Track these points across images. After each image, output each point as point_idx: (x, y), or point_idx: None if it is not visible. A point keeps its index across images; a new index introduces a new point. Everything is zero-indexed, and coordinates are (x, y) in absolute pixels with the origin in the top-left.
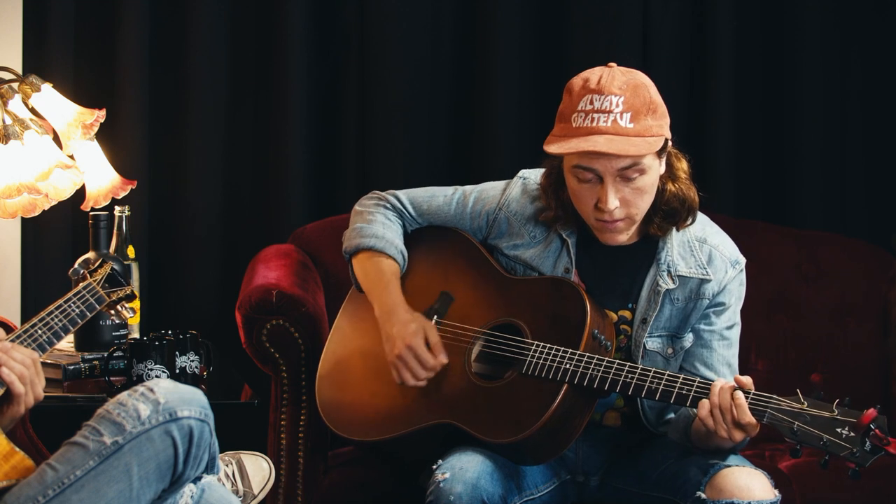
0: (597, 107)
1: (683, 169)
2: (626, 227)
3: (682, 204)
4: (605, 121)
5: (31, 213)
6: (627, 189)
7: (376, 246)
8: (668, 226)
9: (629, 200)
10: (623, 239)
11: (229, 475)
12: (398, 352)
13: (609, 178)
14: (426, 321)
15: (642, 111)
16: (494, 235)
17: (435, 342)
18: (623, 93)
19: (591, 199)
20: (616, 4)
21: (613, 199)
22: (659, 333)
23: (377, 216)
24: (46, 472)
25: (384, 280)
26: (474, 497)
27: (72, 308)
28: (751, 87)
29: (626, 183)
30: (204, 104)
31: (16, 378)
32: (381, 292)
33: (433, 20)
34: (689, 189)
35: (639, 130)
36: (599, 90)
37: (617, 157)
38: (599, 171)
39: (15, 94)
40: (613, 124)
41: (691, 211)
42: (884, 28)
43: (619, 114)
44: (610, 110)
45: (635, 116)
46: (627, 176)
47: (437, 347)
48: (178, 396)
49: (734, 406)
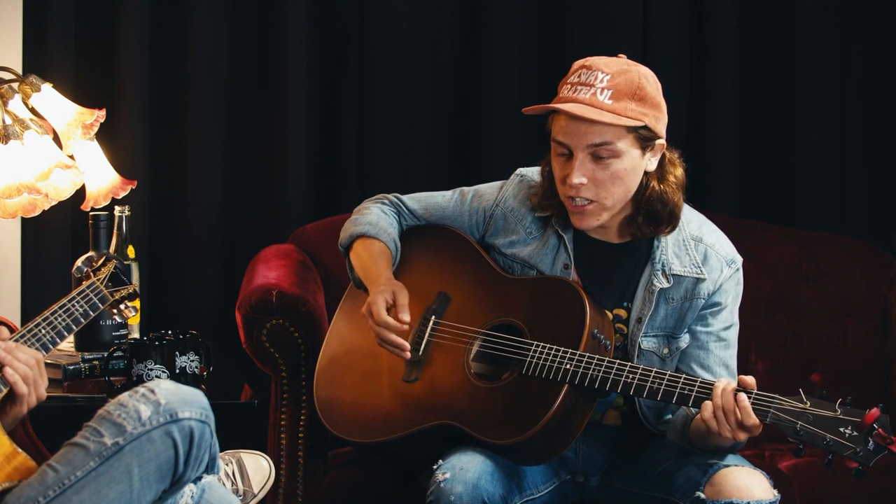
0: (582, 80)
1: (676, 175)
2: (595, 211)
3: (663, 206)
4: (585, 93)
5: (31, 213)
6: (598, 169)
7: (369, 232)
8: (649, 229)
9: (599, 181)
10: (593, 223)
11: (229, 474)
12: (363, 310)
13: (579, 152)
14: (398, 284)
15: (626, 93)
16: (491, 233)
17: (401, 303)
18: (611, 72)
19: (562, 175)
20: (616, 4)
21: (579, 174)
22: (654, 333)
23: (372, 209)
24: (47, 472)
25: (374, 260)
26: (475, 497)
27: (75, 307)
28: (751, 87)
29: (597, 163)
30: (204, 104)
31: (19, 378)
32: (371, 272)
33: (433, 20)
34: (674, 194)
35: (615, 108)
36: (590, 66)
37: (585, 131)
38: (570, 145)
39: (15, 94)
40: (591, 97)
41: (672, 217)
42: (884, 28)
43: (601, 89)
44: (592, 84)
45: (616, 95)
46: (598, 154)
47: (401, 308)
48: (178, 397)
49: (738, 408)
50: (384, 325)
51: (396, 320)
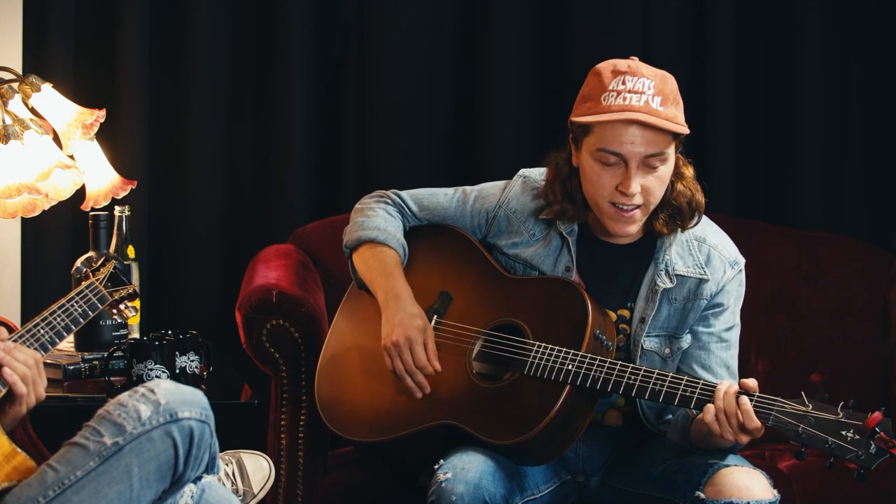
0: (629, 87)
1: (690, 172)
2: (640, 216)
3: (688, 203)
4: (639, 100)
5: (31, 213)
6: (650, 177)
7: (378, 238)
8: (673, 224)
9: (648, 188)
10: (634, 230)
11: (229, 474)
12: (396, 338)
13: (634, 162)
14: (429, 324)
15: (671, 98)
16: (494, 234)
17: (432, 349)
18: (654, 77)
19: (612, 184)
20: (616, 4)
21: (637, 184)
22: (657, 333)
23: (378, 211)
24: (47, 472)
25: (387, 269)
26: (476, 497)
27: (74, 307)
28: (751, 87)
29: (649, 171)
30: (204, 104)
31: (18, 379)
32: (385, 280)
33: (433, 20)
34: (696, 190)
35: (668, 115)
36: (632, 72)
37: (647, 140)
38: (626, 155)
39: (15, 94)
40: (646, 104)
41: (697, 211)
42: (884, 28)
43: (651, 96)
44: (642, 91)
45: (665, 101)
46: (651, 164)
47: (433, 354)
48: (178, 397)
49: (740, 412)
50: (423, 369)
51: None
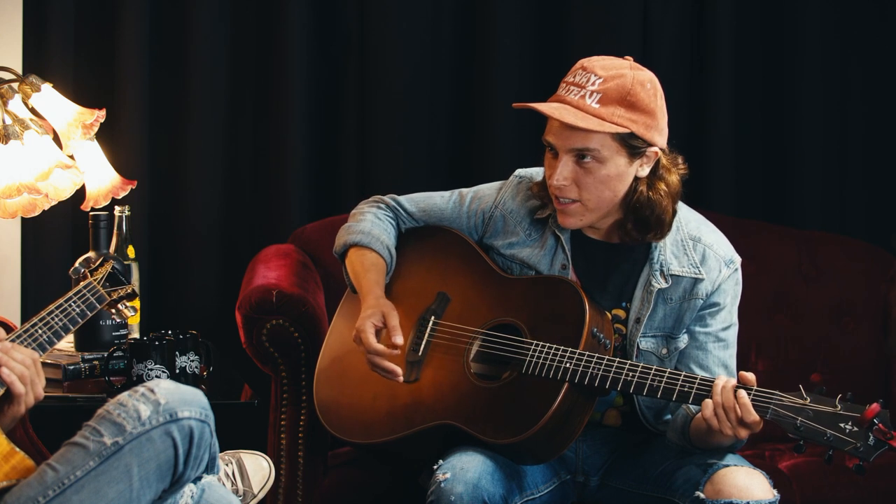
0: (575, 80)
1: (669, 182)
2: (577, 211)
3: (651, 213)
4: (575, 94)
5: (31, 213)
6: (582, 172)
7: (361, 241)
8: (638, 235)
9: (582, 184)
10: (575, 224)
11: (229, 474)
12: (353, 336)
13: (563, 153)
14: (387, 304)
15: (615, 98)
16: (490, 234)
17: (392, 325)
18: (605, 75)
19: (549, 173)
20: (616, 5)
21: (560, 175)
22: (653, 333)
23: (367, 216)
24: (46, 472)
25: (365, 270)
26: (476, 497)
27: (72, 307)
28: (751, 86)
29: (581, 166)
30: (204, 104)
31: (16, 378)
32: (362, 282)
33: (433, 20)
34: (662, 201)
35: (601, 113)
36: (586, 68)
37: (569, 134)
38: (555, 146)
39: (15, 94)
40: (580, 99)
41: (659, 223)
42: (884, 28)
43: (590, 92)
44: (584, 86)
45: (604, 100)
46: (582, 158)
47: (392, 331)
48: (178, 397)
49: (738, 405)
50: (375, 353)
51: (388, 344)
